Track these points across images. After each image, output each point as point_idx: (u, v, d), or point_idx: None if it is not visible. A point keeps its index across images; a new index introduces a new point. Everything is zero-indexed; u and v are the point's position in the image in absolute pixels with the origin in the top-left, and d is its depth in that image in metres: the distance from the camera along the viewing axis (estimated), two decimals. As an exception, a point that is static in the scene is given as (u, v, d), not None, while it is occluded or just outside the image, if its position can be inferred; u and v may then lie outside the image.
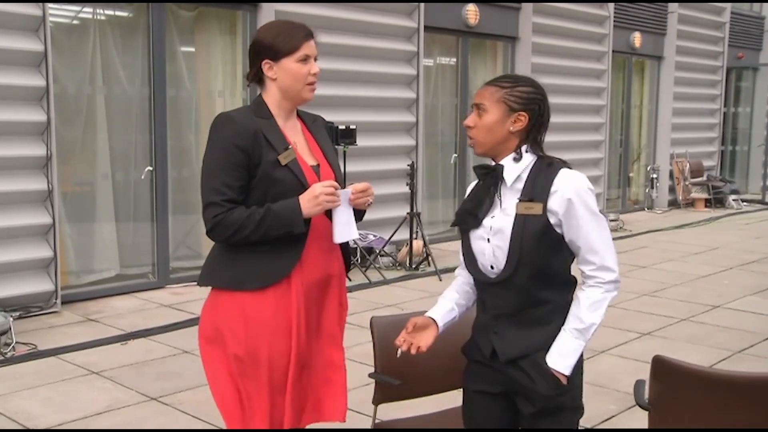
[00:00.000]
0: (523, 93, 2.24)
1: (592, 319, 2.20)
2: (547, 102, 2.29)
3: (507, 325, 2.27)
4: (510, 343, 2.26)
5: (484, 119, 2.26)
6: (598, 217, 2.23)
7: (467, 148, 9.87)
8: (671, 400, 2.39)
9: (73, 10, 6.52)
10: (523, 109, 2.23)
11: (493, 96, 2.25)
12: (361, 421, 3.76)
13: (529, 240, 2.19)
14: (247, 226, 2.41)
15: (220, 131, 2.48)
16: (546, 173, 2.23)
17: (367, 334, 2.93)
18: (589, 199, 2.22)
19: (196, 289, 6.29)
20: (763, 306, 6.58)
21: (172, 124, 6.96)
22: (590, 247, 2.22)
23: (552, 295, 2.24)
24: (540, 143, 2.29)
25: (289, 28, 2.52)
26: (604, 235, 2.24)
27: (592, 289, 2.23)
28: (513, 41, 10.21)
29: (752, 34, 15.25)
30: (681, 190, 13.25)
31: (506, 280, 2.23)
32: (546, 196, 2.20)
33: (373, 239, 7.98)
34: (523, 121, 2.24)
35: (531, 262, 2.20)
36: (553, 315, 2.24)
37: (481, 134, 2.27)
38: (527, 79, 2.31)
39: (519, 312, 2.25)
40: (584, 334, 2.20)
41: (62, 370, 4.79)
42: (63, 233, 6.33)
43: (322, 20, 7.49)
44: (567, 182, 2.21)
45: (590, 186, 2.25)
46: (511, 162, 2.26)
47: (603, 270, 2.23)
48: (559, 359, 2.20)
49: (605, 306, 2.22)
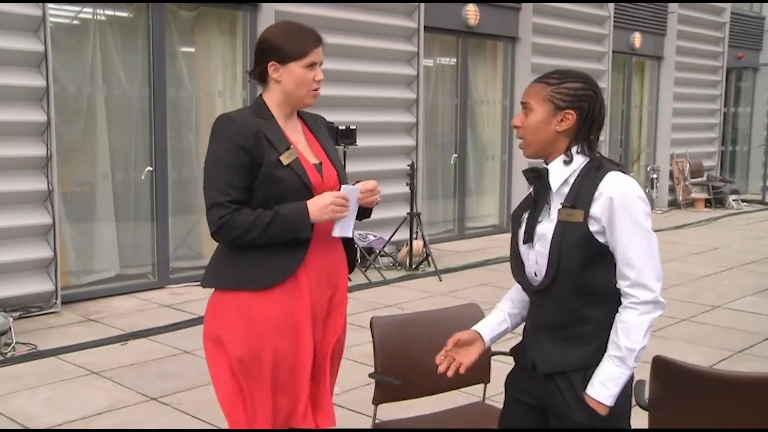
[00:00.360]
0: (570, 89, 2.09)
1: (631, 345, 2.02)
2: (601, 98, 2.13)
3: (547, 338, 2.15)
4: (548, 357, 2.15)
5: (530, 119, 2.13)
6: (641, 228, 2.04)
7: (467, 148, 9.89)
8: (671, 400, 2.39)
9: (73, 10, 6.52)
10: (570, 106, 2.09)
11: (538, 93, 2.12)
12: (361, 422, 3.76)
13: (568, 249, 2.06)
14: (254, 229, 2.41)
15: (221, 132, 2.48)
16: (593, 177, 2.08)
17: (367, 334, 2.93)
18: (635, 207, 2.03)
19: (196, 290, 6.26)
20: (763, 306, 6.58)
21: (172, 124, 6.96)
22: (627, 260, 2.04)
23: (595, 312, 2.08)
24: (593, 143, 2.13)
25: (299, 33, 2.51)
26: (646, 249, 2.04)
27: (627, 311, 2.05)
28: (513, 41, 10.21)
29: (752, 35, 15.26)
30: (681, 191, 13.25)
31: (546, 290, 2.11)
32: (589, 202, 2.05)
33: (373, 239, 7.98)
34: (570, 120, 2.09)
35: (570, 272, 2.06)
36: (595, 334, 2.08)
37: (528, 134, 2.14)
38: (578, 74, 2.14)
39: (559, 326, 2.12)
40: (625, 362, 2.03)
41: (62, 370, 4.79)
42: (63, 233, 6.33)
43: (322, 20, 7.49)
44: (612, 185, 2.05)
45: (641, 195, 2.06)
46: (558, 165, 2.12)
47: (638, 287, 2.04)
48: (600, 389, 2.04)
49: (644, 330, 2.03)
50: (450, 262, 8.23)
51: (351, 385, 2.80)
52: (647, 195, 12.70)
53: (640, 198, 2.06)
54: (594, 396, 2.05)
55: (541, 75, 2.18)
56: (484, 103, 10.19)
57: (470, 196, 10.08)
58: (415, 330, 3.02)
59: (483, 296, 6.39)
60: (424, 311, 3.31)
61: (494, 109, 10.31)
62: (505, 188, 10.45)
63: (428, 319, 3.10)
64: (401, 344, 2.95)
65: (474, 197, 10.17)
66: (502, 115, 10.36)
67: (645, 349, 2.05)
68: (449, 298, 6.52)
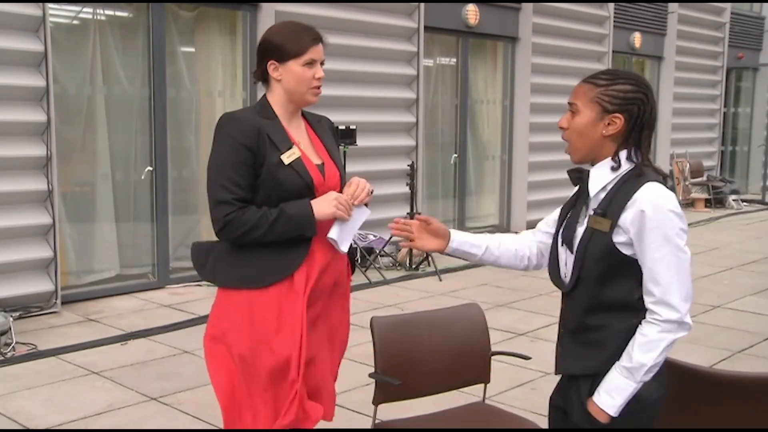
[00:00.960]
0: (619, 92, 2.00)
1: (642, 359, 1.97)
2: (652, 101, 2.03)
3: (569, 340, 2.13)
4: (565, 359, 2.14)
5: (576, 120, 2.04)
6: (672, 244, 1.95)
7: (467, 148, 9.89)
8: (671, 400, 2.39)
9: (73, 10, 6.52)
10: (618, 110, 2.00)
11: (587, 95, 2.03)
12: (361, 422, 3.76)
13: (591, 258, 2.02)
14: (260, 227, 2.43)
15: (225, 130, 2.50)
16: (630, 186, 1.99)
17: (367, 334, 2.93)
18: (667, 222, 1.95)
19: (196, 289, 6.26)
20: (763, 306, 6.58)
21: (172, 124, 6.96)
22: (653, 276, 1.97)
23: (610, 321, 2.04)
24: (644, 149, 2.04)
25: (297, 31, 2.52)
26: (675, 266, 1.96)
27: (649, 326, 1.98)
28: (513, 41, 10.21)
29: (752, 35, 15.25)
30: (681, 190, 13.25)
31: (570, 293, 2.10)
32: (620, 211, 1.98)
33: (373, 239, 7.98)
34: (618, 124, 2.00)
35: (590, 280, 2.03)
36: (609, 342, 2.03)
37: (574, 137, 2.06)
38: (628, 75, 2.05)
39: (577, 330, 2.10)
40: (633, 374, 1.98)
41: (62, 370, 4.79)
42: (63, 233, 6.33)
43: (323, 20, 7.48)
44: (647, 196, 1.96)
45: (676, 209, 1.98)
46: (601, 170, 2.04)
47: (663, 306, 1.97)
48: (605, 397, 2.01)
49: (661, 348, 1.97)
50: (450, 262, 8.22)
51: (351, 385, 2.80)
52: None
53: (674, 213, 1.97)
54: (597, 403, 2.03)
55: (590, 74, 2.09)
56: (484, 103, 10.18)
57: (470, 196, 10.08)
58: (415, 330, 3.02)
59: (483, 296, 6.39)
60: (424, 311, 3.31)
61: (494, 109, 10.30)
62: (505, 188, 10.45)
63: (428, 319, 3.11)
64: (401, 344, 2.95)
65: (474, 197, 10.17)
66: (502, 115, 10.36)
67: (657, 366, 2.00)
68: (449, 298, 6.52)
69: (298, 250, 2.50)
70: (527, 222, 10.07)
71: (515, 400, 4.18)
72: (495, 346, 3.19)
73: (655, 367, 2.00)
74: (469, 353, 3.08)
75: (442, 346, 3.03)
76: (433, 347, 3.02)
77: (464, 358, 3.07)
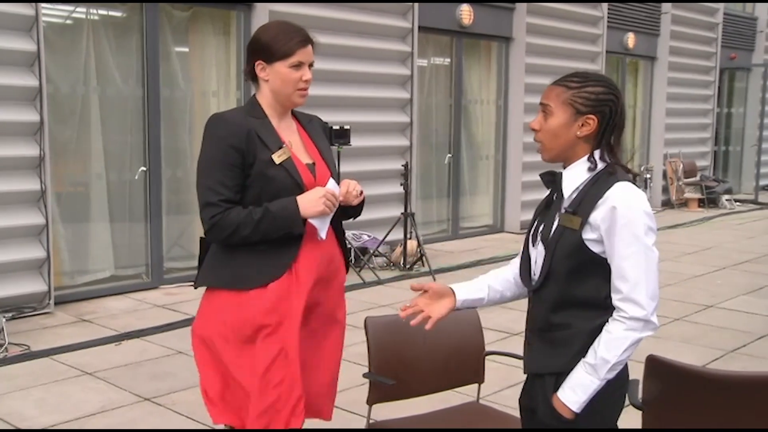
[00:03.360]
0: (592, 94, 2.04)
1: (606, 356, 1.98)
2: (622, 103, 2.08)
3: (536, 339, 2.15)
4: (533, 358, 2.16)
5: (549, 122, 2.07)
6: (641, 243, 1.98)
7: (461, 148, 9.90)
8: (665, 400, 2.40)
9: (66, 10, 6.50)
10: (591, 111, 2.04)
11: (559, 97, 2.06)
12: (355, 421, 3.76)
13: (560, 255, 2.04)
14: (245, 226, 2.43)
15: (213, 131, 2.49)
16: (601, 184, 2.03)
17: (361, 334, 2.93)
18: (637, 221, 1.98)
19: (190, 290, 6.25)
20: (755, 305, 6.60)
21: (166, 124, 6.95)
22: (621, 273, 1.99)
23: (576, 319, 2.06)
24: (614, 148, 2.08)
25: (286, 32, 2.51)
26: (644, 265, 1.99)
27: (614, 323, 2.00)
28: (507, 41, 10.22)
29: (745, 35, 15.30)
30: (674, 190, 13.29)
31: (537, 291, 2.12)
32: (591, 209, 2.01)
33: (367, 239, 7.98)
34: (591, 125, 2.04)
35: (558, 278, 2.05)
36: (575, 341, 2.05)
37: (547, 138, 2.08)
38: (598, 77, 2.09)
39: (544, 329, 2.12)
40: (597, 371, 1.99)
41: (55, 370, 4.77)
42: (56, 234, 6.31)
43: (317, 20, 7.48)
44: (618, 194, 2.00)
45: (646, 208, 2.01)
46: (576, 170, 2.08)
47: (629, 303, 1.98)
48: (569, 393, 2.03)
49: (626, 346, 1.98)
50: (444, 262, 8.24)
51: (345, 385, 2.82)
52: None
53: (644, 212, 2.00)
54: (561, 398, 2.04)
55: (560, 77, 2.11)
56: (478, 103, 10.19)
57: (464, 196, 10.09)
58: (410, 330, 3.00)
59: (477, 296, 6.38)
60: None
61: (488, 109, 10.31)
62: (499, 188, 10.46)
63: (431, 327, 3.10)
64: (395, 344, 2.95)
65: (468, 197, 10.17)
66: (496, 115, 10.37)
67: (621, 364, 2.01)
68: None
69: (289, 249, 2.50)
70: (521, 222, 10.09)
71: (509, 400, 4.18)
72: (489, 346, 3.19)
73: (619, 365, 2.01)
74: (463, 353, 3.08)
75: (436, 346, 3.03)
76: (427, 347, 3.02)
77: (458, 357, 3.08)
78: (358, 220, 2.80)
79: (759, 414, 2.28)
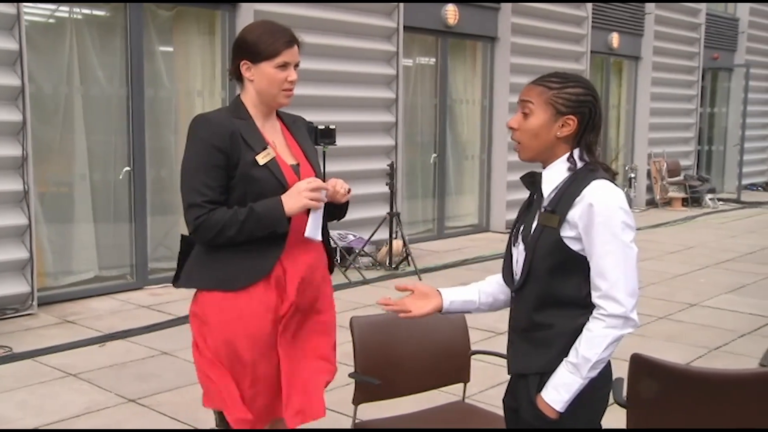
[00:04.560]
0: (572, 95, 2.05)
1: (588, 354, 1.98)
2: (599, 104, 2.10)
3: (519, 339, 2.16)
4: (516, 358, 2.17)
5: (529, 122, 2.07)
6: (619, 240, 1.98)
7: (446, 147, 9.91)
8: (649, 398, 2.41)
9: (48, 9, 6.45)
10: (572, 112, 2.04)
11: (540, 96, 2.06)
12: (341, 422, 3.76)
13: (540, 253, 2.05)
14: (230, 226, 2.42)
15: (197, 132, 2.49)
16: (579, 182, 2.03)
17: (346, 334, 2.93)
18: (615, 218, 1.98)
19: (175, 290, 6.22)
20: (738, 304, 6.66)
21: (151, 124, 6.91)
22: (600, 270, 1.99)
23: (557, 318, 2.06)
24: (592, 147, 2.09)
25: (272, 32, 2.50)
26: (622, 261, 1.98)
27: (594, 321, 2.00)
28: (492, 41, 10.24)
29: (727, 36, 15.42)
30: (659, 190, 13.37)
31: (519, 291, 2.13)
32: (569, 207, 2.02)
33: (352, 239, 7.98)
34: (571, 126, 2.05)
35: (539, 277, 2.06)
36: (557, 340, 2.05)
37: (526, 138, 2.08)
38: (578, 79, 2.10)
39: (526, 329, 2.12)
40: (579, 370, 1.99)
41: (38, 372, 4.74)
42: (40, 234, 6.26)
43: (302, 20, 7.47)
44: (595, 191, 2.00)
45: (624, 206, 2.01)
46: (555, 170, 2.08)
47: (608, 300, 1.98)
48: (552, 392, 2.03)
49: (606, 343, 1.98)
50: (429, 261, 8.25)
51: (331, 385, 2.82)
52: (626, 194, 12.85)
53: (622, 209, 2.00)
54: (545, 398, 2.04)
55: (539, 77, 2.11)
56: (464, 102, 10.21)
57: (449, 196, 10.10)
58: (395, 330, 3.03)
59: (463, 295, 6.40)
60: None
61: (473, 108, 10.33)
62: (485, 188, 10.49)
63: (408, 319, 3.10)
64: (381, 344, 2.95)
65: (453, 197, 10.19)
66: (482, 115, 10.39)
67: (603, 362, 2.01)
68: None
69: (273, 250, 2.49)
70: (506, 221, 10.12)
71: (495, 399, 4.18)
72: (475, 346, 3.20)
73: (600, 363, 2.01)
74: (448, 352, 3.09)
75: (422, 345, 3.04)
76: (413, 347, 3.02)
77: (444, 357, 3.08)
78: (344, 220, 2.80)
79: (741, 411, 2.30)
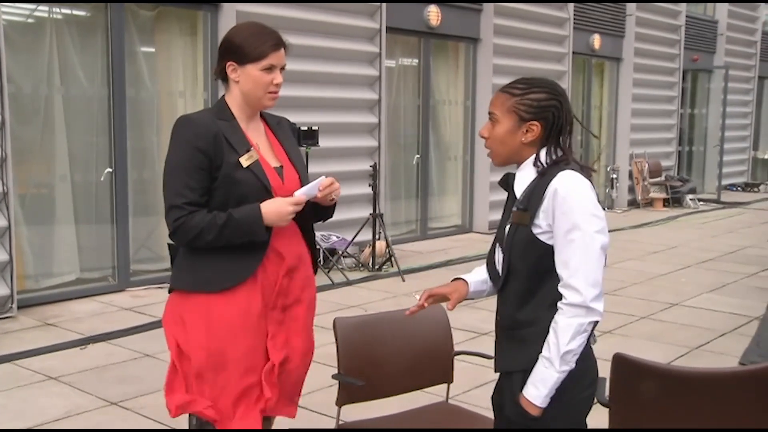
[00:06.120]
0: (534, 100, 2.07)
1: (558, 346, 1.99)
2: (566, 106, 2.10)
3: (504, 338, 2.18)
4: (501, 356, 2.19)
5: (496, 130, 2.11)
6: (581, 230, 1.98)
7: (429, 148, 9.92)
8: (631, 397, 2.42)
9: (27, 8, 6.39)
10: (534, 117, 2.07)
11: (504, 104, 2.10)
12: (324, 423, 3.75)
13: (516, 252, 2.08)
14: (208, 231, 2.42)
15: (180, 134, 2.47)
16: (547, 177, 2.05)
17: (330, 335, 2.92)
18: (578, 206, 1.99)
19: (157, 292, 6.17)
20: (719, 303, 6.71)
21: (132, 125, 6.86)
22: (562, 260, 2.01)
23: (539, 315, 2.07)
24: (564, 147, 2.11)
25: (259, 34, 2.50)
26: (584, 250, 1.98)
27: (558, 312, 2.01)
28: (474, 42, 10.27)
29: (706, 38, 15.55)
30: (640, 190, 13.46)
31: (502, 290, 2.15)
32: (538, 202, 2.04)
33: (335, 240, 7.96)
34: (535, 131, 2.08)
35: (518, 275, 2.09)
36: (539, 337, 2.05)
37: (495, 145, 2.13)
38: (542, 83, 2.11)
39: (511, 327, 2.14)
40: (552, 363, 2.00)
41: (18, 376, 4.69)
42: (20, 236, 6.20)
43: (284, 21, 7.45)
44: (561, 181, 2.02)
45: (588, 194, 2.02)
46: (526, 171, 2.12)
47: (568, 289, 2.00)
48: (531, 388, 2.05)
49: (571, 333, 1.97)
50: (413, 262, 8.25)
51: (314, 386, 2.81)
52: (607, 195, 12.98)
53: (586, 197, 2.01)
54: (525, 395, 2.06)
55: (506, 83, 2.16)
56: (446, 103, 10.23)
57: (433, 197, 10.12)
58: (379, 331, 3.03)
59: (446, 296, 6.41)
60: (387, 312, 3.32)
61: (456, 109, 10.36)
62: (468, 189, 10.51)
63: (391, 319, 3.11)
64: (364, 345, 2.95)
65: (436, 198, 10.20)
66: (464, 116, 10.41)
67: (573, 353, 2.00)
68: (412, 299, 6.52)
69: (255, 253, 2.48)
70: (489, 222, 10.14)
71: (478, 400, 4.20)
72: (458, 346, 3.20)
73: (571, 355, 2.00)
74: (432, 353, 3.09)
75: (406, 346, 3.04)
76: (397, 348, 3.02)
77: (427, 358, 3.08)
78: (327, 222, 2.79)
79: (722, 409, 2.32)
